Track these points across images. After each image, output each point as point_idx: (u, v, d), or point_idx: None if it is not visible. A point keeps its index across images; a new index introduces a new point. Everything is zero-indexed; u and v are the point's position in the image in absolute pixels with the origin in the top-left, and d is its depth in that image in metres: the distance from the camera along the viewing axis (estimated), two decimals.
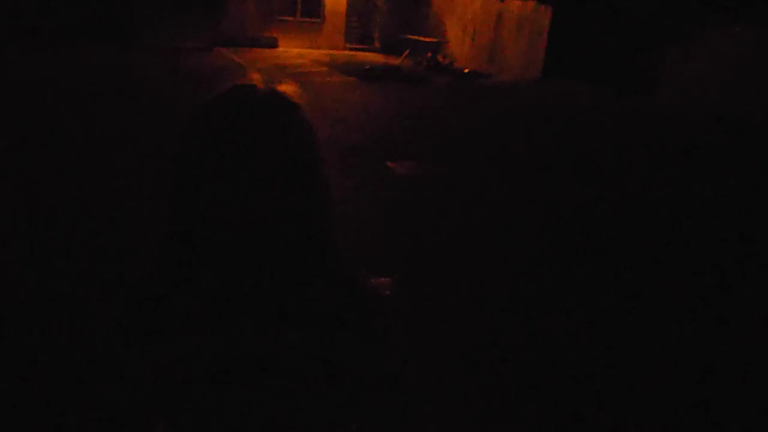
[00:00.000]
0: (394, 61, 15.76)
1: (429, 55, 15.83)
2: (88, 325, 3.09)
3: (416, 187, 5.79)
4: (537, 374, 2.90)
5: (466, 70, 14.73)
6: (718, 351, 3.00)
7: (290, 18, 18.48)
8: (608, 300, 3.64)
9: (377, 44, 19.46)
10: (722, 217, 5.20)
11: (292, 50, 17.82)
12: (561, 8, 12.94)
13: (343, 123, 8.06)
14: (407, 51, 16.00)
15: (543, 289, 3.81)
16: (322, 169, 0.84)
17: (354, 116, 8.64)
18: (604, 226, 4.91)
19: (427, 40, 16.04)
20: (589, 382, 2.73)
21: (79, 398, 2.50)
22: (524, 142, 7.78)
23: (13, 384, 2.59)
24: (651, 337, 3.16)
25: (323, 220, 0.84)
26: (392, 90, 11.74)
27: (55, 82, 9.86)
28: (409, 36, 16.25)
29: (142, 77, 11.11)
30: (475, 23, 15.77)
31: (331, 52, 18.16)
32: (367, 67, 14.47)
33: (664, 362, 2.95)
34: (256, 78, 0.82)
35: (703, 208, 5.43)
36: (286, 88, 0.82)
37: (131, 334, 0.88)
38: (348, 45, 19.37)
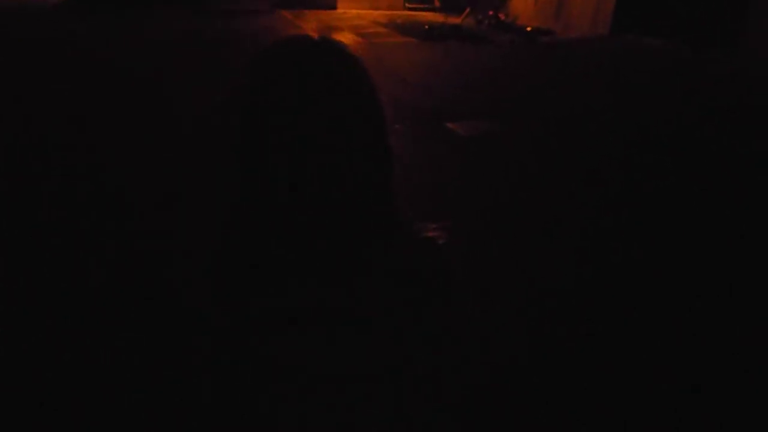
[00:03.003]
0: (455, 20, 15.37)
1: (491, 13, 15.35)
2: (175, 282, 3.23)
3: (475, 147, 5.70)
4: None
5: (529, 28, 14.21)
6: None
7: None
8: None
9: (437, 3, 19.00)
10: None
11: (351, 11, 17.66)
12: None
13: (403, 83, 7.98)
14: (468, 9, 15.57)
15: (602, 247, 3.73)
16: (382, 117, 0.82)
17: (414, 76, 8.53)
18: (660, 204, 4.73)
19: None
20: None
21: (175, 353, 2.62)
22: (588, 103, 7.49)
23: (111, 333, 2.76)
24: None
25: (385, 169, 0.84)
26: (453, 49, 11.50)
27: (134, 42, 10.17)
28: None
29: (206, 38, 11.30)
30: None
31: (390, 12, 17.89)
32: (427, 26, 14.19)
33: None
34: (311, 30, 0.82)
35: None
36: (343, 38, 0.82)
37: (215, 290, 0.91)
38: (407, 5, 19.02)
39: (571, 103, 7.46)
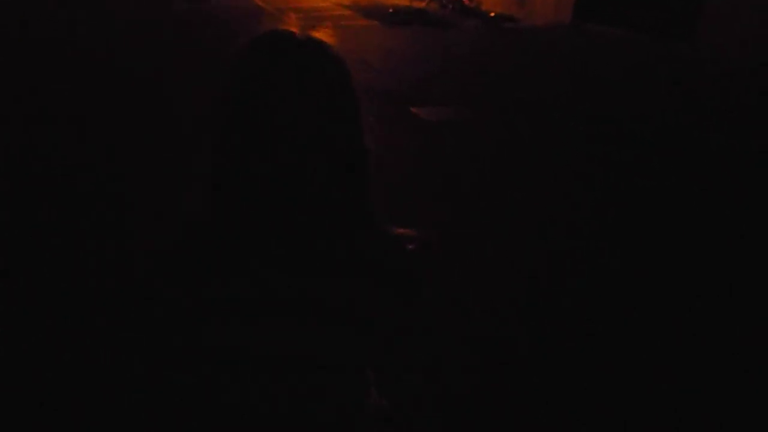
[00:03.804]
0: (419, 4, 15.32)
1: None
2: (137, 263, 3.15)
3: (439, 132, 5.71)
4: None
5: (493, 14, 14.27)
6: None
7: None
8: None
9: None
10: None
11: None
12: None
13: (367, 67, 7.93)
14: None
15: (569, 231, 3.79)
16: (360, 116, 0.83)
17: (378, 61, 8.48)
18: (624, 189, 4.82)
19: None
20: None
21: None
22: (550, 90, 7.58)
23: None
24: None
25: (359, 165, 0.85)
26: (417, 34, 11.46)
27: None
28: None
29: (162, 19, 10.98)
30: None
31: None
32: (392, 10, 14.10)
33: None
34: (291, 23, 0.82)
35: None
36: (321, 33, 0.82)
37: (177, 275, 0.91)
38: None
39: (534, 89, 7.54)
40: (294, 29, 0.81)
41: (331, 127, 0.78)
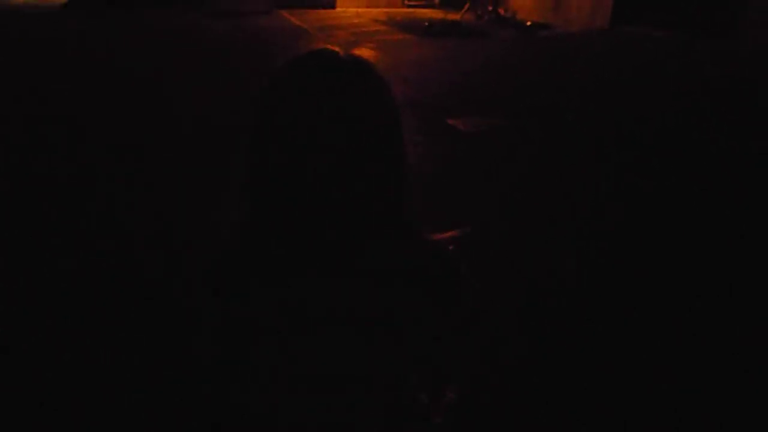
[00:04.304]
0: (454, 16, 15.34)
1: (490, 8, 15.32)
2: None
3: (475, 142, 5.71)
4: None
5: (529, 23, 14.18)
6: None
7: None
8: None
9: (436, 0, 18.97)
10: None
11: (350, 10, 17.62)
12: None
13: (403, 80, 7.98)
14: (467, 5, 15.52)
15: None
16: (401, 133, 0.85)
17: (414, 74, 8.53)
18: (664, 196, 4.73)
19: None
20: None
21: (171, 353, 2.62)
22: (587, 99, 7.49)
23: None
24: None
25: (399, 180, 0.86)
26: (453, 46, 11.48)
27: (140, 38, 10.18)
28: None
29: (206, 37, 11.31)
30: None
31: (389, 10, 17.85)
32: (427, 23, 14.16)
33: None
34: (334, 42, 0.84)
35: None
36: (364, 52, 0.84)
37: (214, 289, 0.92)
38: (406, 2, 18.96)
39: (570, 97, 7.46)
40: (336, 48, 0.82)
41: (373, 144, 0.79)
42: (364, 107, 0.79)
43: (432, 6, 18.59)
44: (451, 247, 0.93)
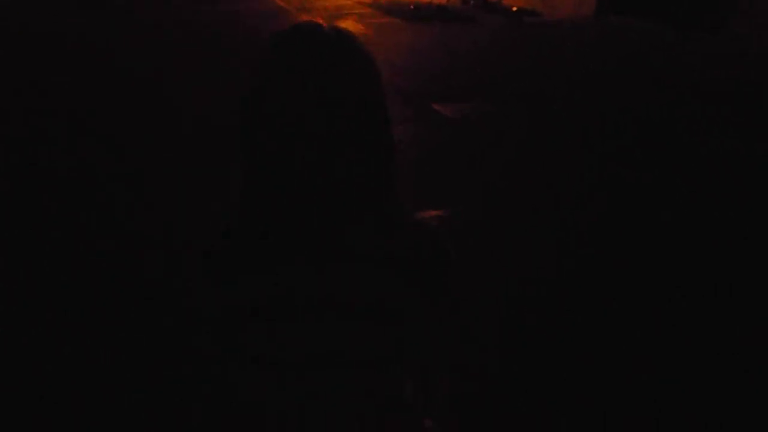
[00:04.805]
0: (440, 0, 15.25)
1: None
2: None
3: (460, 128, 5.69)
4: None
5: (515, 8, 14.15)
6: None
7: None
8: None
9: None
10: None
11: None
12: None
13: (389, 64, 7.92)
14: None
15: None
16: (385, 106, 0.83)
17: (400, 58, 8.47)
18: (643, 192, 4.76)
19: None
20: None
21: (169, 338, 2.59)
22: (571, 86, 7.49)
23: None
24: None
25: (386, 158, 0.84)
26: (438, 30, 11.42)
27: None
28: None
29: (191, 19, 11.12)
30: None
31: None
32: (413, 7, 14.07)
33: None
34: (316, 18, 0.82)
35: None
36: (348, 25, 0.83)
37: (204, 274, 0.91)
38: None
39: (555, 85, 7.46)
40: (319, 20, 0.81)
41: (359, 118, 0.78)
42: (348, 80, 0.77)
43: None
44: (437, 229, 0.92)
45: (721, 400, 2.47)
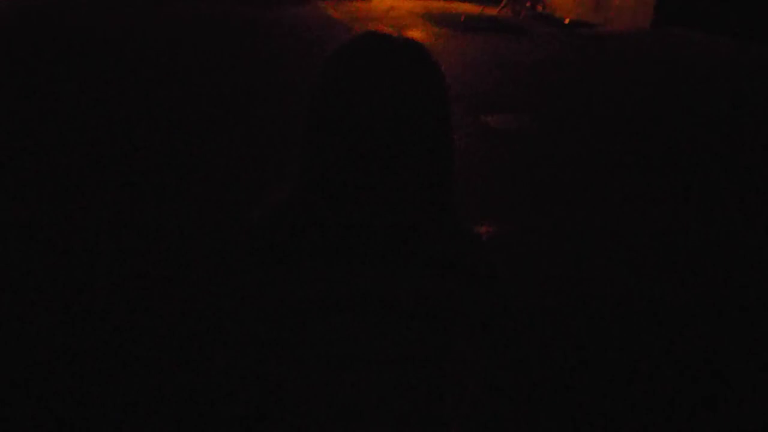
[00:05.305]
0: (491, 11, 15.19)
1: (528, 4, 15.13)
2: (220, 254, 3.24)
3: (508, 139, 5.65)
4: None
5: (567, 20, 13.96)
6: None
7: None
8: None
9: None
10: None
11: (386, 2, 17.56)
12: None
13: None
14: (504, 0, 15.36)
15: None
16: (450, 117, 0.85)
17: (450, 68, 8.47)
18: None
19: None
20: None
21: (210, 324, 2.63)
22: (622, 100, 7.34)
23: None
24: None
25: (447, 167, 0.86)
26: (489, 41, 11.37)
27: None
28: None
29: (244, 24, 11.40)
30: None
31: (426, 2, 17.73)
32: (463, 18, 14.05)
33: None
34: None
35: None
36: (415, 35, 0.84)
37: (258, 263, 0.91)
38: None
39: (606, 97, 7.32)
40: (389, 30, 0.83)
41: (425, 127, 0.79)
42: (417, 89, 0.79)
43: (469, 0, 18.45)
44: (487, 237, 0.93)
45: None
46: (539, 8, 15.18)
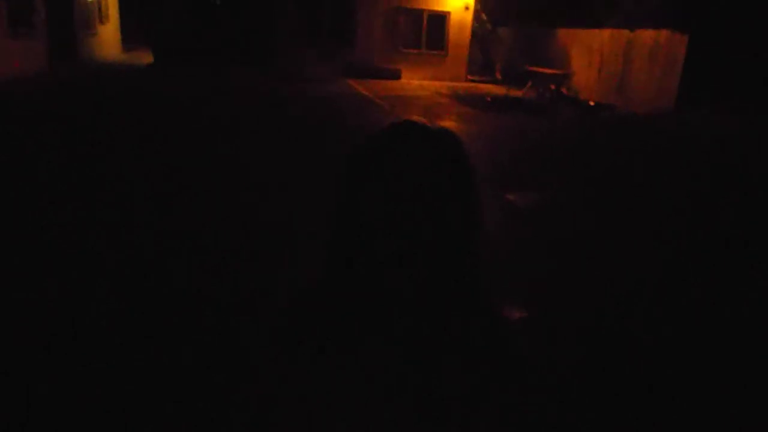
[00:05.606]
0: (516, 92, 15.59)
1: (553, 87, 15.50)
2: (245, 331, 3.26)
3: (533, 220, 5.66)
4: None
5: (592, 103, 14.25)
6: None
7: (414, 50, 18.94)
8: None
9: (498, 75, 19.40)
10: None
11: (414, 81, 18.20)
12: (699, 36, 12.16)
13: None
14: (530, 82, 15.78)
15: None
16: (480, 205, 0.87)
17: (474, 147, 8.64)
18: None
19: (551, 71, 15.73)
20: None
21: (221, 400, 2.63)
22: (647, 177, 7.36)
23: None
24: None
25: (476, 252, 0.87)
26: (514, 121, 11.61)
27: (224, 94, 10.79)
28: (532, 67, 16.04)
29: (278, 98, 11.87)
30: (603, 54, 15.26)
31: (452, 83, 18.34)
32: (489, 98, 14.44)
33: None
34: (417, 114, 0.88)
35: None
36: (449, 124, 0.87)
37: (282, 345, 0.92)
38: (469, 77, 19.48)
39: (629, 178, 7.35)
40: (421, 118, 0.86)
41: (458, 216, 0.81)
42: (452, 179, 0.81)
43: (494, 82, 19.00)
44: (518, 323, 0.92)
45: None
46: (564, 90, 15.54)
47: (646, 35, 13.61)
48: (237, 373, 2.77)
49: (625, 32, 14.25)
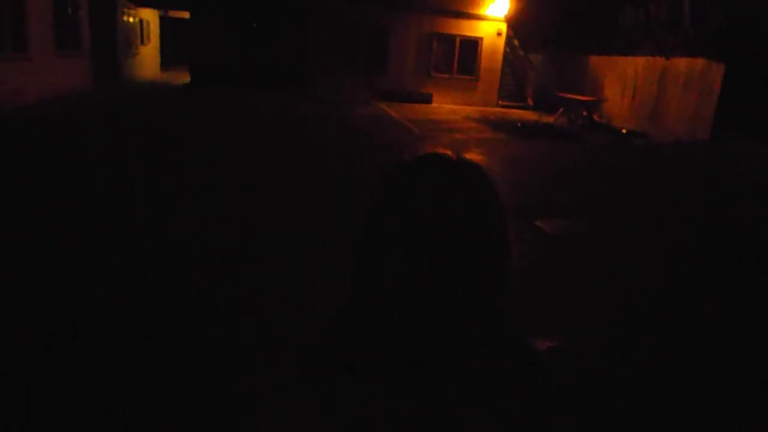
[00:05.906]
0: (547, 118, 15.54)
1: (585, 113, 15.42)
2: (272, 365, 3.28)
3: (562, 245, 5.60)
4: None
5: (624, 130, 14.11)
6: None
7: (446, 75, 19.06)
8: None
9: (530, 101, 19.37)
10: None
11: (445, 106, 18.29)
12: (735, 65, 12.01)
13: (495, 179, 8.06)
14: (561, 109, 15.73)
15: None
16: (506, 236, 0.87)
17: (504, 173, 8.62)
18: None
19: (583, 98, 15.66)
20: None
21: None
22: (678, 205, 7.23)
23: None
24: None
25: (499, 283, 0.87)
26: (545, 147, 11.56)
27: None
28: (564, 94, 15.99)
29: (310, 120, 12.05)
30: (636, 81, 15.14)
31: (483, 108, 18.37)
32: (520, 124, 14.41)
33: None
34: (444, 147, 0.88)
35: None
36: (474, 156, 0.88)
37: (309, 376, 0.93)
38: (500, 102, 19.49)
39: (661, 206, 7.24)
40: (448, 151, 0.87)
41: (482, 246, 0.82)
42: (475, 210, 0.82)
43: (526, 108, 18.98)
44: (542, 353, 0.91)
45: None
46: (596, 117, 15.44)
47: (682, 63, 13.48)
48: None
49: (660, 60, 14.14)
